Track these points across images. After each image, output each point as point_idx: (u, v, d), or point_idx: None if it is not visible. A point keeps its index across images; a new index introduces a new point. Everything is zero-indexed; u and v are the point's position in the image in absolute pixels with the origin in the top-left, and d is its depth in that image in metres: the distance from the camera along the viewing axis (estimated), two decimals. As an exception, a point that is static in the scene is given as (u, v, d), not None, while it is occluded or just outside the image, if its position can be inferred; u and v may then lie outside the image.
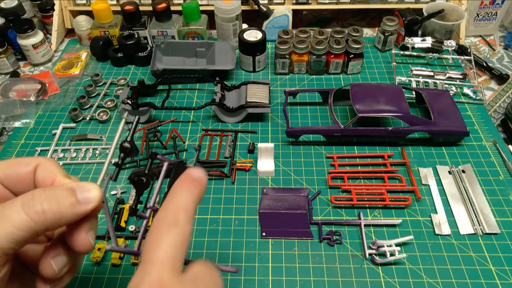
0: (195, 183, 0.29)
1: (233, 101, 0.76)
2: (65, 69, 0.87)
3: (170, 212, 0.27)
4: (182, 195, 0.28)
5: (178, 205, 0.28)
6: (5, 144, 0.73)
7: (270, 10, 0.91)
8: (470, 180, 0.63)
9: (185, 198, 0.28)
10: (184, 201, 0.28)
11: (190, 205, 0.28)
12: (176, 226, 0.27)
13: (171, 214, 0.27)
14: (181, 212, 0.27)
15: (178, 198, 0.28)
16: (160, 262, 0.25)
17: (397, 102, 0.67)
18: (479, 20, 0.94)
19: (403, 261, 0.54)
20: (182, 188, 0.29)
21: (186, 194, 0.28)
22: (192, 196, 0.28)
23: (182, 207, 0.28)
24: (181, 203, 0.28)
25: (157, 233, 0.27)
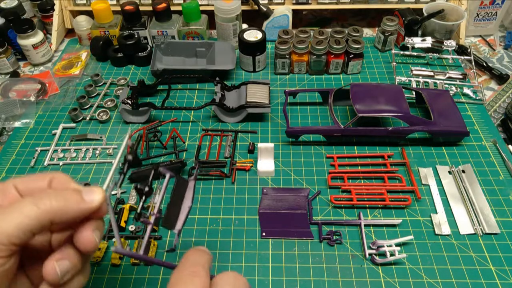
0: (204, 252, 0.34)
1: (233, 101, 0.76)
2: (65, 69, 0.87)
3: (190, 265, 0.32)
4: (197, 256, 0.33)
5: (197, 261, 0.33)
6: (5, 144, 0.73)
7: (270, 10, 0.91)
8: (470, 180, 0.63)
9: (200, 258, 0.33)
10: (200, 259, 0.33)
11: (206, 263, 0.33)
12: (197, 276, 0.31)
13: (191, 266, 0.32)
14: (201, 266, 0.32)
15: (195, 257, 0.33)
16: None
17: (397, 102, 0.67)
18: (479, 20, 0.94)
19: (403, 261, 0.54)
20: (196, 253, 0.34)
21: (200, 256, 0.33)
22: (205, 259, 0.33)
23: (200, 263, 0.32)
24: (197, 260, 0.33)
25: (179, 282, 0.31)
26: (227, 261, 0.55)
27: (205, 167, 0.66)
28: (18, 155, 0.70)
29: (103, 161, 0.68)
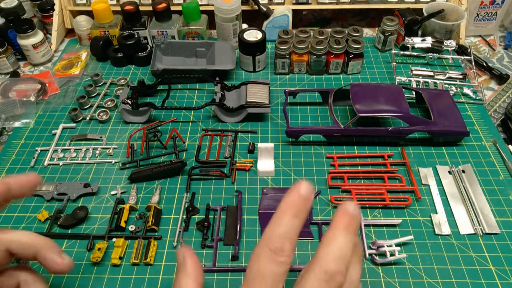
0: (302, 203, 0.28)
1: (233, 101, 0.76)
2: (65, 69, 0.87)
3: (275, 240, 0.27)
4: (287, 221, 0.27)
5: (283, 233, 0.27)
6: (5, 144, 0.73)
7: (270, 10, 0.91)
8: (470, 180, 0.63)
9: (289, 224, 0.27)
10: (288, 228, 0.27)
11: (294, 232, 0.27)
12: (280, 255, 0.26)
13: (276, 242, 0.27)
14: (286, 241, 0.27)
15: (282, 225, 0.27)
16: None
17: (397, 102, 0.67)
18: (479, 20, 0.94)
19: (403, 261, 0.54)
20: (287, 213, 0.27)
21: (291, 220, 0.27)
22: (298, 221, 0.28)
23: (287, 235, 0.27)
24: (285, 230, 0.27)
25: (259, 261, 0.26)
26: (227, 261, 0.55)
27: (205, 167, 0.66)
28: (18, 155, 0.70)
29: (103, 161, 0.68)
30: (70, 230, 0.59)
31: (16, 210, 0.62)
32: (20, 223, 0.60)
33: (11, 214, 0.61)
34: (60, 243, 0.57)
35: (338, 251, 0.26)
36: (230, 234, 0.57)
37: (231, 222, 0.59)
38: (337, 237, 0.27)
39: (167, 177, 0.65)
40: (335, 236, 0.27)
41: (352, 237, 0.27)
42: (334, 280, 0.25)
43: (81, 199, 0.63)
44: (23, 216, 0.61)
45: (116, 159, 0.68)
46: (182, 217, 0.59)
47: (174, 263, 0.54)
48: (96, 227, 0.59)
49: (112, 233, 0.58)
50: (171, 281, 0.53)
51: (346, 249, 0.26)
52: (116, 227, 0.58)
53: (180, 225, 0.59)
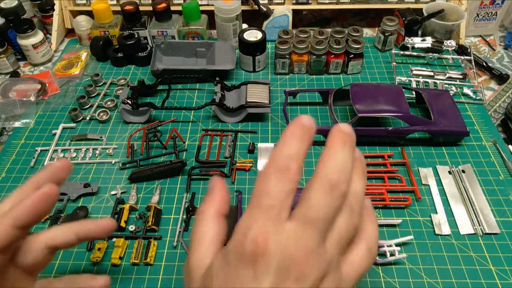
0: (306, 129, 0.27)
1: (233, 101, 0.76)
2: (65, 69, 0.87)
3: (281, 159, 0.26)
4: (293, 143, 0.26)
5: (289, 154, 0.26)
6: (5, 144, 0.73)
7: (270, 10, 0.91)
8: (470, 180, 0.63)
9: (295, 146, 0.26)
10: (295, 150, 0.26)
11: (300, 154, 0.26)
12: (287, 173, 0.25)
13: (282, 161, 0.26)
14: (293, 160, 0.26)
15: (289, 146, 0.26)
16: (266, 209, 0.25)
17: (397, 102, 0.67)
18: (479, 20, 0.94)
19: (403, 261, 0.54)
20: (291, 137, 0.27)
21: (296, 142, 0.26)
22: (302, 145, 0.26)
23: (294, 155, 0.26)
24: (291, 152, 0.26)
25: (265, 179, 0.26)
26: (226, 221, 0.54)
27: (205, 167, 0.66)
28: (18, 155, 0.70)
29: (103, 161, 0.68)
30: (70, 230, 0.59)
31: (16, 210, 0.61)
32: (20, 223, 0.60)
33: (11, 214, 0.61)
34: (60, 243, 0.57)
35: (338, 163, 0.26)
36: (230, 234, 0.56)
37: (231, 222, 0.58)
38: (335, 152, 0.26)
39: (167, 177, 0.65)
40: (332, 150, 0.27)
41: (349, 150, 0.27)
42: (338, 188, 0.25)
43: (81, 199, 0.63)
44: (23, 216, 0.61)
45: (116, 159, 0.68)
46: (182, 217, 0.59)
47: (174, 263, 0.54)
48: (96, 227, 0.59)
49: (112, 233, 0.58)
50: (171, 281, 0.53)
51: (345, 161, 0.26)
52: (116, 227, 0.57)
53: (180, 225, 0.59)
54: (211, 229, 0.30)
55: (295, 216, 0.25)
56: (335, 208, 0.26)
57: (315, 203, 0.25)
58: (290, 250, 0.24)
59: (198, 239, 0.29)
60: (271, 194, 0.25)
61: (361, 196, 0.28)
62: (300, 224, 0.25)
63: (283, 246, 0.24)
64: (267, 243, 0.24)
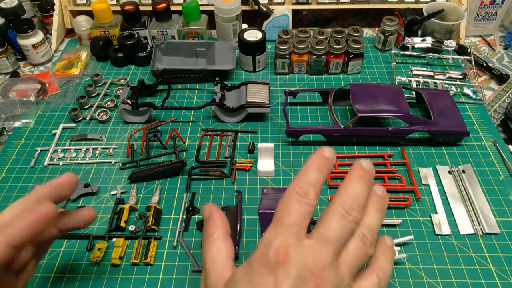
0: (325, 162, 0.32)
1: (233, 101, 0.76)
2: (65, 69, 0.87)
3: (302, 185, 0.31)
4: (312, 173, 0.31)
5: (309, 181, 0.31)
6: (5, 144, 0.73)
7: (270, 10, 0.91)
8: (470, 180, 0.63)
9: (314, 175, 0.31)
10: (313, 178, 0.31)
11: (318, 182, 0.31)
12: (306, 197, 0.30)
13: (302, 187, 0.30)
14: (312, 187, 0.30)
15: (309, 175, 0.31)
16: (288, 227, 0.29)
17: (397, 102, 0.67)
18: (479, 20, 0.94)
19: (403, 261, 0.54)
20: (312, 167, 0.31)
21: (315, 172, 0.31)
22: (321, 175, 0.31)
23: (313, 183, 0.31)
24: (311, 179, 0.31)
25: (288, 201, 0.30)
26: (227, 261, 0.54)
27: (205, 167, 0.66)
28: (18, 155, 0.70)
29: (103, 161, 0.68)
30: (70, 230, 0.59)
31: (16, 210, 0.61)
32: (20, 223, 0.60)
33: (11, 214, 0.61)
34: (60, 243, 0.57)
35: (352, 194, 0.31)
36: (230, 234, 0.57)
37: (231, 222, 0.59)
38: (351, 184, 0.31)
39: (167, 177, 0.65)
40: (349, 183, 0.31)
41: (365, 185, 0.31)
42: (350, 214, 0.30)
43: (81, 199, 0.63)
44: (23, 216, 0.61)
45: (116, 159, 0.69)
46: (182, 217, 0.59)
47: (174, 263, 0.54)
48: (96, 227, 0.59)
49: (112, 233, 0.58)
50: (171, 281, 0.53)
51: (360, 193, 0.31)
52: (116, 227, 0.58)
53: (180, 225, 0.59)
54: (223, 248, 0.34)
55: (313, 235, 0.29)
56: (348, 231, 0.30)
57: (330, 225, 0.29)
58: (308, 261, 0.27)
59: (212, 258, 0.33)
60: (292, 214, 0.29)
61: (375, 228, 0.32)
62: (317, 241, 0.29)
63: (303, 258, 0.27)
64: (288, 253, 0.27)
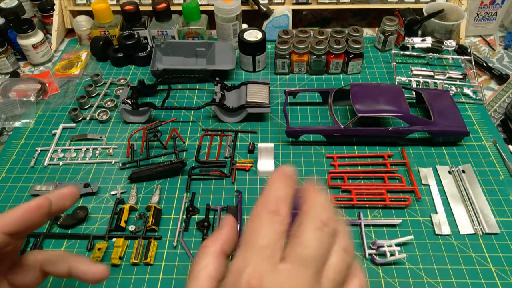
0: (288, 178, 0.29)
1: (233, 101, 0.76)
2: (65, 69, 0.87)
3: (272, 201, 0.27)
4: (280, 187, 0.28)
5: (278, 196, 0.27)
6: (5, 144, 0.73)
7: (270, 10, 0.91)
8: (470, 180, 0.63)
9: (284, 190, 0.28)
10: (283, 193, 0.28)
11: (288, 198, 0.28)
12: (278, 216, 0.26)
13: (272, 203, 0.27)
14: (282, 203, 0.27)
15: (277, 190, 0.28)
16: (260, 250, 0.25)
17: (397, 102, 0.67)
18: (479, 20, 0.94)
19: (403, 261, 0.54)
20: (279, 182, 0.28)
21: (284, 187, 0.28)
22: (290, 190, 0.28)
23: (283, 198, 0.27)
24: (280, 194, 0.27)
25: (258, 220, 0.26)
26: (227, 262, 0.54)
27: (205, 167, 0.66)
28: (18, 155, 0.70)
29: (103, 161, 0.68)
30: (70, 230, 0.59)
31: (16, 210, 0.61)
32: (20, 223, 0.60)
33: (11, 214, 0.61)
34: (60, 243, 0.57)
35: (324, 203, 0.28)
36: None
37: None
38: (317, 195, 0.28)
39: (167, 177, 0.65)
40: (314, 194, 0.28)
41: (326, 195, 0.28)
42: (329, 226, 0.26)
43: (81, 199, 0.63)
44: (23, 216, 0.61)
45: (116, 159, 0.68)
46: (182, 217, 0.59)
47: (174, 263, 0.54)
48: (96, 227, 0.59)
49: (112, 233, 0.58)
50: (171, 281, 0.53)
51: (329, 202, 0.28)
52: (116, 227, 0.58)
53: (180, 225, 0.59)
54: (210, 265, 0.30)
55: (289, 256, 0.25)
56: (328, 246, 0.26)
57: (307, 242, 0.25)
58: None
59: (196, 272, 0.29)
60: (264, 235, 0.25)
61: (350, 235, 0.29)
62: (294, 264, 0.25)
63: (280, 286, 0.24)
64: (262, 283, 0.23)
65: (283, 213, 0.26)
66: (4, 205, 0.62)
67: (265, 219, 0.26)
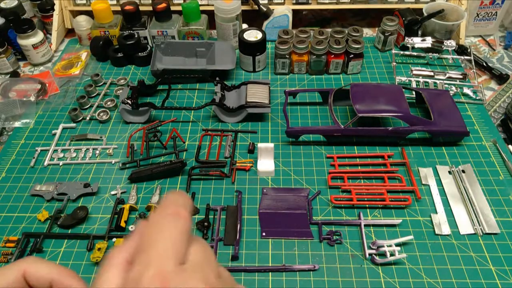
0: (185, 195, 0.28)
1: (233, 101, 0.76)
2: (65, 69, 0.87)
3: (170, 207, 0.25)
4: (178, 197, 0.27)
5: (178, 203, 0.26)
6: (5, 144, 0.73)
7: (270, 10, 0.91)
8: (470, 180, 0.63)
9: (182, 200, 0.26)
10: (182, 201, 0.26)
11: (188, 206, 0.26)
12: (178, 217, 0.25)
13: (171, 208, 0.25)
14: (182, 207, 0.25)
15: (175, 199, 0.26)
16: (161, 252, 0.23)
17: (397, 102, 0.67)
18: (479, 20, 0.94)
19: (403, 261, 0.54)
20: (177, 194, 0.27)
21: (181, 197, 0.27)
22: (188, 200, 0.27)
23: (182, 204, 0.26)
24: (180, 202, 0.26)
25: (156, 224, 0.24)
26: (227, 261, 0.54)
27: (205, 167, 0.66)
28: (18, 155, 0.70)
29: (103, 161, 0.68)
30: (70, 230, 0.59)
31: (16, 210, 0.62)
32: (20, 223, 0.60)
33: (11, 214, 0.61)
34: (60, 243, 0.57)
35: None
36: (230, 234, 0.57)
37: (231, 222, 0.59)
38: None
39: (167, 177, 0.65)
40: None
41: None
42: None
43: (81, 199, 0.63)
44: (23, 216, 0.61)
45: (116, 159, 0.68)
46: (182, 217, 0.59)
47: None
48: (96, 227, 0.59)
49: (112, 233, 0.58)
50: (171, 281, 0.53)
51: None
52: (116, 227, 0.58)
53: (180, 225, 0.58)
54: (115, 279, 0.26)
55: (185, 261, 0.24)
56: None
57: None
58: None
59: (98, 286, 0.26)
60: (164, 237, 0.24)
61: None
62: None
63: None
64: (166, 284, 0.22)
65: (185, 216, 0.25)
66: (4, 205, 0.62)
67: (164, 222, 0.24)
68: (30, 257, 0.32)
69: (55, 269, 0.32)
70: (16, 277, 0.30)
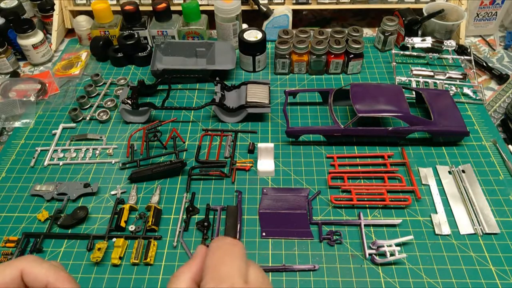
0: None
1: (233, 101, 0.76)
2: (65, 69, 0.87)
3: (226, 238, 0.30)
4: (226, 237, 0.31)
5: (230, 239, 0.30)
6: (5, 144, 0.73)
7: (270, 10, 0.91)
8: (470, 180, 0.63)
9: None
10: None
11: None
12: (236, 243, 0.30)
13: (227, 238, 0.30)
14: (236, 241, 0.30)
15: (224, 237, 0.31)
16: (230, 271, 0.27)
17: (397, 102, 0.67)
18: (479, 20, 0.94)
19: (403, 261, 0.54)
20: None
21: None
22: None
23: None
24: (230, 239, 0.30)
25: (219, 249, 0.29)
26: None
27: (205, 167, 0.66)
28: (18, 155, 0.70)
29: (103, 161, 0.68)
30: (70, 230, 0.59)
31: (16, 210, 0.62)
32: (20, 223, 0.60)
33: (11, 214, 0.61)
34: (60, 243, 0.57)
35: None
36: (230, 234, 0.57)
37: (231, 222, 0.59)
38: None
39: (167, 177, 0.65)
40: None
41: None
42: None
43: (81, 199, 0.63)
44: (23, 216, 0.61)
45: (116, 159, 0.68)
46: (182, 217, 0.59)
47: (174, 263, 0.54)
48: (96, 227, 0.59)
49: (112, 233, 0.58)
50: (171, 281, 0.53)
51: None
52: (116, 227, 0.58)
53: (180, 225, 0.59)
54: None
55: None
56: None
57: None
58: None
59: None
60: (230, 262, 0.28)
61: None
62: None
63: None
64: None
65: (241, 246, 0.30)
66: (4, 205, 0.62)
67: (227, 247, 0.29)
68: (29, 256, 0.32)
69: (52, 272, 0.32)
70: (13, 276, 0.31)
